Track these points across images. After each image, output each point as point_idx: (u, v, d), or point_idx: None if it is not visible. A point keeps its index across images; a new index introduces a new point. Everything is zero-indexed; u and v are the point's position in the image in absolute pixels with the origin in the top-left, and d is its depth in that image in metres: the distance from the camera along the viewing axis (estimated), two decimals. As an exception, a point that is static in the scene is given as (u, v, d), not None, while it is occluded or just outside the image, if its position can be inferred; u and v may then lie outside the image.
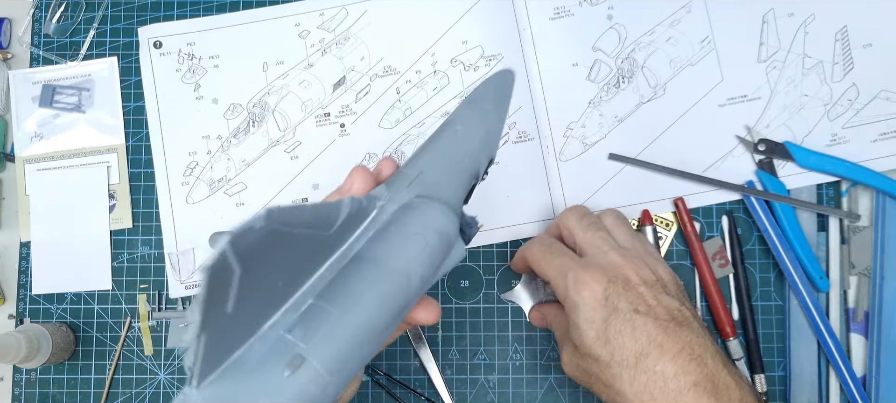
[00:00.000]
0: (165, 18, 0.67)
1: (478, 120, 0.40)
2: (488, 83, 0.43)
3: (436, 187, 0.36)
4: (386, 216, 0.34)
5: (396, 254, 0.33)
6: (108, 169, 0.65)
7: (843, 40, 0.63)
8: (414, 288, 0.33)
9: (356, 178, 0.38)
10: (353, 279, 0.31)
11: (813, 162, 0.61)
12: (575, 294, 0.45)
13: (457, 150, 0.39)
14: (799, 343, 0.60)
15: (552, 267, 0.48)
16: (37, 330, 0.59)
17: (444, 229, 0.35)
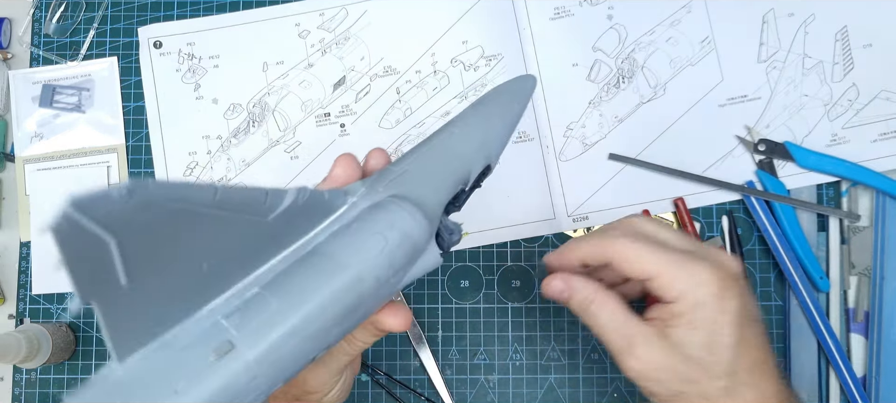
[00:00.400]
0: (165, 18, 0.67)
1: (478, 124, 0.39)
2: (502, 88, 0.42)
3: (414, 188, 0.35)
4: (354, 212, 0.34)
5: (352, 252, 0.31)
6: (108, 169, 0.65)
7: (844, 40, 0.63)
8: (367, 288, 0.32)
9: (339, 165, 0.37)
10: (302, 272, 0.31)
11: (813, 162, 0.61)
12: (693, 289, 0.40)
13: (447, 153, 0.38)
14: (799, 343, 0.60)
15: (653, 259, 0.41)
16: (37, 330, 0.59)
17: (409, 232, 0.33)
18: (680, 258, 0.41)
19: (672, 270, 0.41)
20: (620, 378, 0.62)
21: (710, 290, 0.40)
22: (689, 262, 0.40)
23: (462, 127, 0.39)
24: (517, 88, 0.43)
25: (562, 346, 0.63)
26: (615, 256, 0.42)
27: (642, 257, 0.41)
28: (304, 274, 0.31)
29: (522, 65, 0.64)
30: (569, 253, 0.44)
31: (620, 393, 0.62)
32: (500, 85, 0.42)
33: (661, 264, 0.41)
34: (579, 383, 0.62)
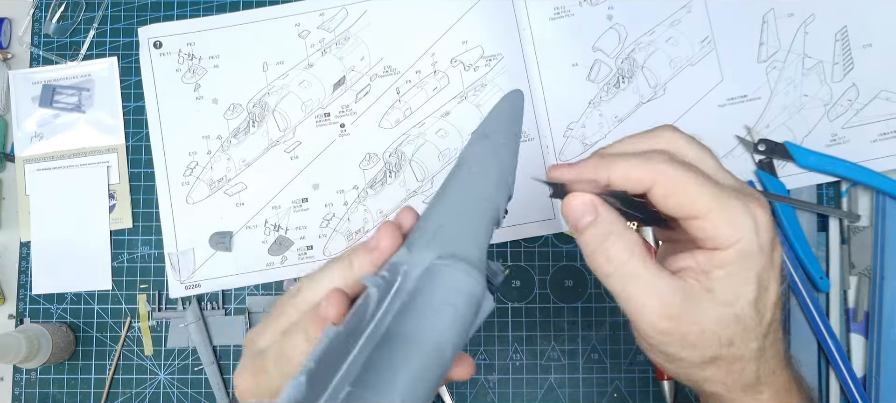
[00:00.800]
0: (165, 18, 0.67)
1: (491, 158, 0.38)
2: (497, 112, 0.41)
3: (457, 242, 0.35)
4: (411, 283, 0.33)
5: (427, 329, 0.32)
6: (108, 169, 0.65)
7: (843, 40, 0.63)
8: (448, 358, 0.32)
9: (385, 237, 0.35)
10: (386, 360, 0.31)
11: (813, 162, 0.61)
12: (748, 235, 0.34)
13: (473, 196, 0.37)
14: (799, 343, 0.60)
15: (704, 194, 0.34)
16: (37, 330, 0.59)
17: (472, 291, 0.33)
18: (731, 196, 0.34)
19: (726, 211, 0.34)
20: (620, 377, 0.62)
21: (766, 237, 0.35)
22: (742, 202, 0.35)
23: (478, 165, 0.38)
24: (511, 109, 0.42)
25: (562, 346, 0.63)
26: (658, 185, 0.35)
27: (690, 191, 0.34)
28: (389, 361, 0.31)
29: (522, 65, 0.64)
30: (594, 169, 0.36)
31: (620, 393, 0.62)
32: (494, 108, 0.42)
33: (712, 201, 0.34)
34: (579, 383, 0.62)
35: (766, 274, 0.35)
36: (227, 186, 0.65)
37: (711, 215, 0.34)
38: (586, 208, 0.36)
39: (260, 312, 0.63)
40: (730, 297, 0.35)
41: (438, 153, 0.64)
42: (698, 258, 0.35)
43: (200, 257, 0.64)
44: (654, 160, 0.35)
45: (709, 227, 0.34)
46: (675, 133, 0.37)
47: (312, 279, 0.37)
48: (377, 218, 0.64)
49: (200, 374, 0.63)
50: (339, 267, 0.36)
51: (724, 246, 0.34)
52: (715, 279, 0.35)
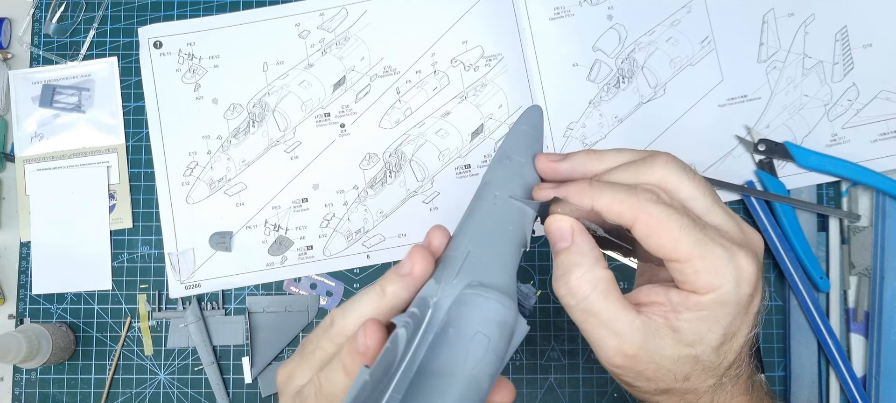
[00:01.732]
0: (165, 18, 0.67)
1: (514, 179, 0.38)
2: (517, 131, 0.41)
3: (485, 269, 0.34)
4: (441, 314, 0.33)
5: (462, 361, 0.31)
6: (108, 169, 0.65)
7: (843, 40, 0.63)
8: (485, 388, 0.32)
9: (418, 262, 0.34)
10: (424, 399, 0.30)
11: (813, 162, 0.61)
12: (727, 285, 0.34)
13: (499, 221, 0.36)
14: (799, 343, 0.60)
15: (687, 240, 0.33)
16: (37, 330, 0.59)
17: (504, 319, 0.33)
18: (715, 244, 0.34)
19: (707, 259, 0.33)
20: (620, 378, 0.62)
21: (746, 291, 0.34)
22: (727, 251, 0.34)
23: (502, 189, 0.38)
24: (530, 127, 0.41)
25: (562, 346, 0.63)
26: (640, 223, 0.34)
27: (672, 234, 0.33)
28: (426, 398, 0.30)
29: (522, 65, 0.64)
30: (579, 193, 0.36)
31: (620, 394, 0.62)
32: (514, 126, 0.41)
33: (693, 248, 0.33)
34: (579, 383, 0.62)
35: (737, 322, 0.35)
36: (227, 186, 0.65)
37: (692, 261, 0.33)
38: (563, 233, 0.36)
39: (260, 312, 0.63)
40: (693, 339, 0.35)
41: (438, 153, 0.64)
42: (672, 296, 0.35)
43: (200, 257, 0.64)
44: (641, 197, 0.34)
45: (688, 272, 0.34)
46: (671, 164, 0.36)
47: (344, 310, 0.35)
48: (377, 218, 0.64)
49: (200, 374, 0.63)
50: (370, 296, 0.35)
51: (700, 292, 0.34)
52: (683, 319, 0.35)
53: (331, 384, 0.34)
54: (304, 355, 0.36)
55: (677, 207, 0.34)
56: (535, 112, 0.42)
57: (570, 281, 0.35)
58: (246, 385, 0.63)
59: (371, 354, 0.32)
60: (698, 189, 0.36)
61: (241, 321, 0.63)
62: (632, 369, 0.36)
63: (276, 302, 0.64)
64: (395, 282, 0.34)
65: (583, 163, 0.38)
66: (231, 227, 0.64)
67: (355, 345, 0.32)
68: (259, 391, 0.62)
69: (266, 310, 0.63)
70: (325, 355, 0.35)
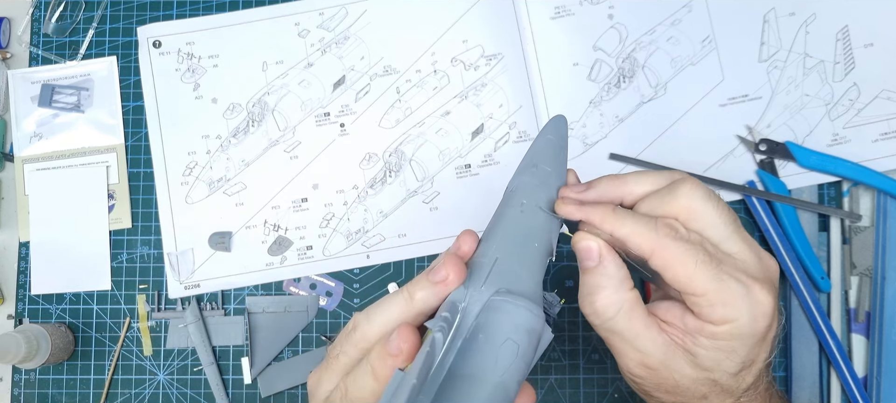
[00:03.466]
0: (165, 18, 0.67)
1: (541, 187, 0.38)
2: (542, 139, 0.41)
3: (514, 277, 0.35)
4: (470, 319, 0.33)
5: (491, 367, 0.32)
6: (107, 169, 0.65)
7: (845, 40, 0.63)
8: (513, 394, 0.32)
9: (451, 269, 0.34)
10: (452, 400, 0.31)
11: (814, 162, 0.61)
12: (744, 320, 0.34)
13: (526, 229, 0.37)
14: (800, 343, 0.60)
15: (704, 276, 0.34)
16: (36, 330, 0.59)
17: (532, 326, 0.33)
18: (732, 278, 0.34)
19: (723, 293, 0.34)
20: (621, 378, 0.62)
21: (762, 324, 0.35)
22: (744, 286, 0.34)
23: (528, 197, 0.38)
24: (556, 136, 0.41)
25: (562, 346, 0.63)
26: (657, 257, 0.35)
27: (688, 269, 0.34)
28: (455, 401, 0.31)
29: (523, 64, 0.64)
30: (602, 218, 0.36)
31: (621, 394, 0.62)
32: (540, 137, 0.41)
33: (709, 283, 0.34)
34: (579, 383, 0.62)
35: (755, 351, 0.36)
36: (226, 186, 0.64)
37: (707, 295, 0.34)
38: (591, 253, 0.36)
39: (259, 312, 0.63)
40: (710, 365, 0.36)
41: (438, 152, 0.64)
42: (688, 322, 0.36)
43: (200, 257, 0.64)
44: (660, 231, 0.35)
45: (704, 305, 0.35)
46: (695, 192, 0.36)
47: (368, 315, 0.35)
48: (377, 217, 0.64)
49: (200, 374, 0.63)
50: (397, 301, 0.35)
51: (716, 323, 0.35)
52: (700, 346, 0.35)
53: (358, 388, 0.34)
54: (329, 360, 0.36)
55: (695, 241, 0.35)
56: (560, 121, 0.42)
57: (596, 301, 0.36)
58: (245, 385, 0.63)
59: (404, 357, 0.32)
60: (720, 217, 0.36)
61: (240, 321, 0.63)
62: (651, 380, 0.37)
63: (275, 302, 0.63)
64: (425, 289, 0.34)
65: (607, 191, 0.39)
66: (230, 227, 0.64)
67: (387, 349, 0.32)
68: (258, 391, 0.62)
69: (265, 311, 0.63)
70: (350, 360, 0.35)
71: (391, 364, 0.32)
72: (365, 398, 0.33)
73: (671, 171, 0.39)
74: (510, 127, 0.64)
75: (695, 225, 0.36)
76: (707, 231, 0.36)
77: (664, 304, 0.37)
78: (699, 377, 0.36)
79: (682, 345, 0.36)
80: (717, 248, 0.36)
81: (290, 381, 0.62)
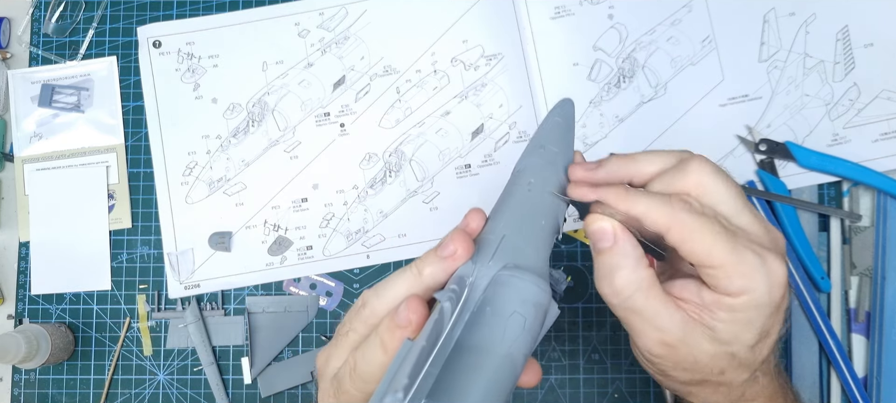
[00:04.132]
0: (165, 18, 0.67)
1: (548, 167, 0.39)
2: (550, 121, 0.41)
3: (521, 253, 0.35)
4: (477, 293, 0.34)
5: (499, 339, 0.32)
6: (107, 169, 0.65)
7: (845, 40, 0.63)
8: (519, 367, 0.33)
9: (459, 244, 0.35)
10: (462, 373, 0.31)
11: (814, 162, 0.61)
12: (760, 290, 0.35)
13: (534, 209, 0.37)
14: (800, 343, 0.60)
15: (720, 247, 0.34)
16: (36, 330, 0.59)
17: (539, 301, 0.34)
18: (747, 248, 0.35)
19: (739, 264, 0.34)
20: (621, 378, 0.62)
21: (778, 293, 0.35)
22: (759, 256, 0.35)
23: (535, 177, 0.38)
24: (563, 118, 0.42)
25: (562, 346, 0.63)
26: (673, 231, 0.35)
27: (705, 241, 0.34)
28: (463, 373, 0.31)
29: (523, 64, 0.64)
30: (616, 198, 0.36)
31: (621, 394, 0.62)
32: (547, 117, 0.42)
33: (726, 255, 0.34)
34: (580, 383, 0.62)
35: (770, 322, 0.36)
36: (226, 186, 0.64)
37: (725, 267, 0.34)
38: (605, 234, 0.36)
39: (259, 312, 0.63)
40: (729, 338, 0.36)
41: (438, 152, 0.64)
42: (705, 296, 0.36)
43: (200, 257, 0.64)
44: (675, 206, 0.35)
45: (721, 277, 0.35)
46: (704, 168, 0.37)
47: (377, 291, 0.36)
48: (377, 217, 0.64)
49: (200, 374, 0.63)
50: (405, 276, 0.35)
51: (733, 295, 0.35)
52: (718, 320, 0.36)
53: (366, 362, 0.34)
54: (338, 338, 0.37)
55: (709, 215, 0.35)
56: (567, 104, 0.42)
57: (615, 281, 0.36)
58: (245, 385, 0.63)
59: (413, 328, 0.32)
60: (729, 191, 0.37)
61: (240, 321, 0.63)
62: (670, 359, 0.37)
63: (275, 302, 0.63)
64: (433, 264, 0.35)
65: (618, 170, 0.39)
66: (230, 227, 0.64)
67: (396, 320, 0.33)
68: (258, 391, 0.62)
69: (265, 311, 0.63)
70: (358, 337, 0.36)
71: (400, 336, 0.32)
72: (373, 371, 0.34)
73: (680, 151, 0.39)
74: (510, 127, 0.64)
75: (706, 200, 0.36)
76: (718, 205, 0.36)
77: (678, 282, 0.37)
78: (718, 351, 0.36)
79: (700, 320, 0.36)
80: (730, 222, 0.36)
81: (290, 381, 0.62)
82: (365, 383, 0.34)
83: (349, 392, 0.35)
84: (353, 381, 0.35)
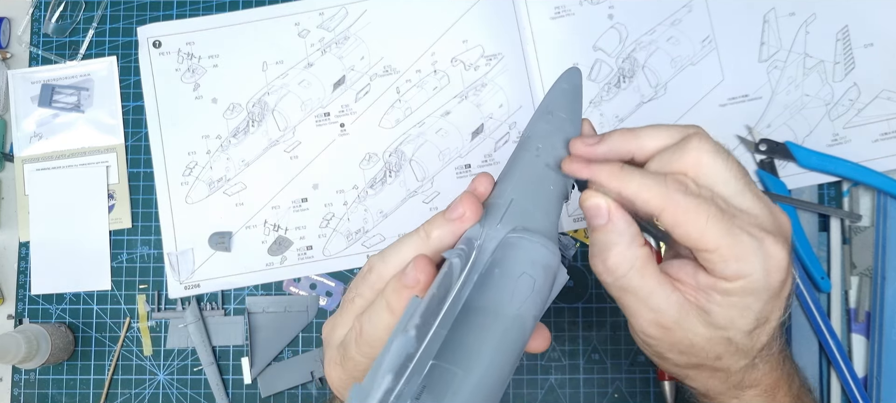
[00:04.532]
0: (165, 18, 0.67)
1: (556, 133, 0.39)
2: (558, 88, 0.41)
3: (530, 216, 0.35)
4: (486, 256, 0.33)
5: (508, 300, 0.32)
6: (107, 169, 0.65)
7: (845, 40, 0.63)
8: (529, 329, 0.32)
9: (468, 206, 0.34)
10: (471, 333, 0.31)
11: (814, 162, 0.61)
12: (757, 274, 0.33)
13: (542, 171, 0.37)
14: (800, 343, 0.60)
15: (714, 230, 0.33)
16: (36, 330, 0.59)
17: (548, 263, 0.33)
18: (744, 232, 0.33)
19: (735, 248, 0.33)
20: (621, 378, 0.62)
21: (776, 278, 0.34)
22: (756, 240, 0.33)
23: (543, 142, 0.38)
24: (570, 85, 0.41)
25: (562, 346, 0.63)
26: (667, 213, 0.34)
27: (700, 224, 0.33)
28: (471, 333, 0.31)
29: (523, 64, 0.64)
30: (609, 176, 0.35)
31: (621, 394, 0.62)
32: (554, 85, 0.41)
33: (721, 238, 0.33)
34: (579, 383, 0.62)
35: (769, 308, 0.35)
36: (226, 186, 0.64)
37: (719, 251, 0.33)
38: (600, 210, 0.35)
39: (259, 312, 0.63)
40: (724, 323, 0.35)
41: (438, 152, 0.64)
42: (700, 279, 0.35)
43: (200, 257, 0.64)
44: (669, 186, 0.34)
45: (716, 261, 0.34)
46: (704, 146, 0.35)
47: (383, 256, 0.35)
48: (377, 218, 0.64)
49: (200, 374, 0.63)
50: (413, 240, 0.35)
51: (729, 279, 0.34)
52: (713, 303, 0.35)
53: (372, 326, 0.34)
54: (344, 305, 0.36)
55: (706, 196, 0.34)
56: (574, 73, 0.42)
57: (608, 259, 0.35)
58: (245, 385, 0.63)
59: (421, 287, 0.32)
60: (730, 170, 0.35)
61: (240, 321, 0.63)
62: (665, 341, 0.36)
63: (275, 302, 0.63)
64: (441, 226, 0.35)
65: (619, 145, 0.37)
66: (230, 227, 0.64)
67: (404, 280, 0.32)
68: (258, 391, 0.62)
69: (265, 311, 0.63)
70: (365, 302, 0.35)
71: (407, 295, 0.32)
72: (380, 335, 0.33)
73: (685, 126, 0.37)
74: (510, 127, 0.64)
75: (705, 180, 0.35)
76: (718, 186, 0.35)
77: (676, 262, 0.37)
78: (713, 336, 0.35)
79: (695, 303, 0.35)
80: (729, 203, 0.35)
81: (290, 381, 0.62)
82: (371, 348, 0.34)
83: (354, 359, 0.35)
84: (358, 347, 0.34)
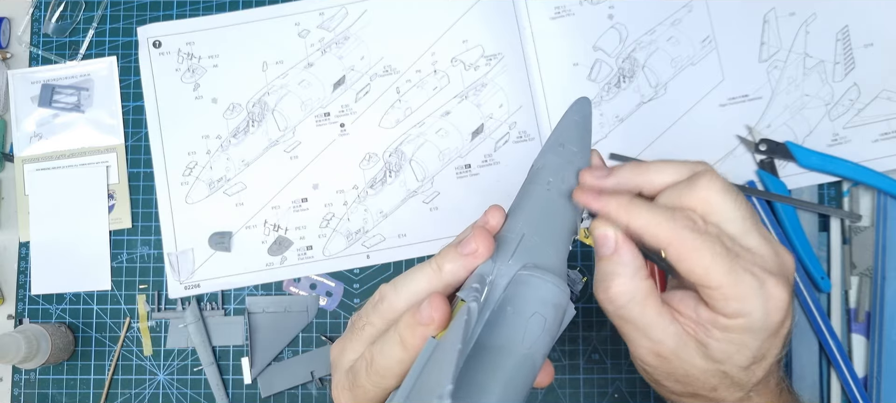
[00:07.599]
0: (165, 18, 0.67)
1: (567, 166, 0.39)
2: (569, 120, 0.41)
3: (540, 252, 0.35)
4: (498, 293, 0.34)
5: (519, 340, 0.32)
6: (107, 169, 0.65)
7: (845, 40, 0.63)
8: (538, 367, 0.33)
9: (481, 241, 0.34)
10: (482, 372, 0.31)
11: (814, 162, 0.61)
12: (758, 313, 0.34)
13: (552, 207, 0.38)
14: (800, 343, 0.60)
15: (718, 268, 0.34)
16: (36, 330, 0.59)
17: (558, 302, 0.34)
18: (747, 272, 0.34)
19: (737, 287, 0.34)
20: (621, 378, 0.62)
21: (775, 318, 0.35)
22: (758, 280, 0.34)
23: (554, 176, 0.38)
24: (581, 117, 0.42)
25: (562, 346, 0.63)
26: (672, 248, 0.35)
27: (704, 261, 0.34)
28: (482, 372, 0.31)
29: (523, 64, 0.64)
30: (617, 209, 0.36)
31: (621, 394, 0.62)
32: (565, 116, 0.42)
33: (724, 276, 0.34)
34: (579, 383, 0.62)
35: (766, 345, 0.36)
36: (226, 186, 0.64)
37: (722, 289, 0.34)
38: (607, 240, 0.36)
39: (259, 312, 0.63)
40: (721, 357, 0.36)
41: (439, 153, 0.64)
42: (701, 313, 0.36)
43: (200, 257, 0.64)
44: (677, 222, 0.35)
45: (718, 298, 0.34)
46: (713, 185, 0.36)
47: (395, 286, 0.35)
48: (377, 218, 0.64)
49: (200, 375, 0.63)
50: (425, 272, 0.35)
51: (729, 317, 0.35)
52: (712, 337, 0.35)
53: (384, 357, 0.34)
54: (354, 330, 0.36)
55: (712, 234, 0.35)
56: (585, 103, 0.42)
57: (610, 288, 0.36)
58: (245, 385, 0.63)
59: (436, 326, 0.32)
60: (738, 211, 0.36)
61: (240, 321, 0.63)
62: (663, 369, 0.37)
63: (275, 302, 0.63)
64: (454, 261, 0.35)
65: (628, 179, 0.38)
66: (230, 227, 0.64)
67: (418, 318, 0.32)
68: (258, 391, 0.62)
69: (265, 311, 0.63)
70: (375, 331, 0.35)
71: (422, 333, 0.32)
72: (391, 367, 0.33)
73: (694, 162, 0.38)
74: (510, 127, 0.64)
75: (713, 218, 0.36)
76: (725, 224, 0.36)
77: (678, 294, 0.37)
78: (710, 368, 0.36)
79: (694, 336, 0.36)
80: (735, 242, 0.36)
81: (290, 381, 0.62)
82: (381, 378, 0.34)
83: (364, 387, 0.35)
84: (368, 376, 0.34)
